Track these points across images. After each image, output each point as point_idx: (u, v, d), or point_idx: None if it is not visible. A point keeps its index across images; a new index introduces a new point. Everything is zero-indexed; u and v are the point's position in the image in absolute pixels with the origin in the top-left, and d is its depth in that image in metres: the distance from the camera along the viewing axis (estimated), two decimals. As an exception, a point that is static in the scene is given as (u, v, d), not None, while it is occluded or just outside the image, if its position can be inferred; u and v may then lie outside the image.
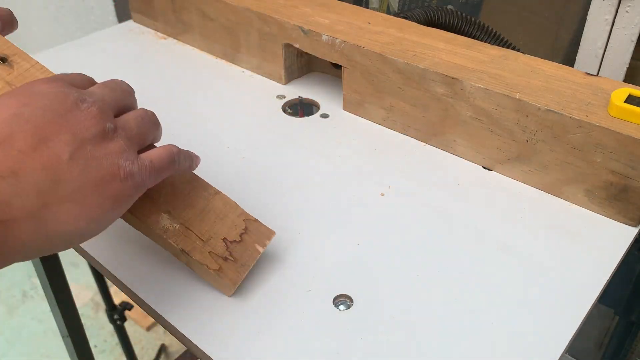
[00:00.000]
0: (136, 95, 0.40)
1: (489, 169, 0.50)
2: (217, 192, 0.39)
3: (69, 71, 0.42)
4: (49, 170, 0.29)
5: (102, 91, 0.35)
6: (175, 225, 0.36)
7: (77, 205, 0.30)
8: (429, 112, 0.51)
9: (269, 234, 0.39)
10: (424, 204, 0.46)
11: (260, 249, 0.38)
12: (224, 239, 0.37)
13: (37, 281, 1.58)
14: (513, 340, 0.35)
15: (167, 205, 0.37)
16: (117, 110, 0.35)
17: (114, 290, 1.23)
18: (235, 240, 0.37)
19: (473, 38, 0.60)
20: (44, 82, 0.33)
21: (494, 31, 0.60)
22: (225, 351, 0.35)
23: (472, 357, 0.34)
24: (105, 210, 0.31)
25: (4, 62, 0.37)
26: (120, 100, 0.36)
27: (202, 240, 0.37)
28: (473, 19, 0.60)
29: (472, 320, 0.37)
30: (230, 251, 0.37)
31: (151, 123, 0.36)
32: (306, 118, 0.58)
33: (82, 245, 0.43)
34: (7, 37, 0.41)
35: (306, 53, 0.59)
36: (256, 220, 0.39)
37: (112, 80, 0.38)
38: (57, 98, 0.32)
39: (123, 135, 0.33)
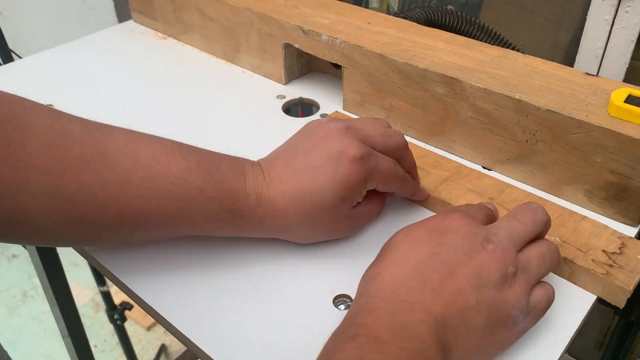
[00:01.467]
0: (136, 96, 0.40)
1: (488, 169, 0.50)
2: (584, 217, 0.42)
3: (69, 71, 0.44)
4: (462, 315, 0.30)
5: (508, 227, 0.35)
6: (552, 238, 0.39)
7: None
8: (429, 112, 0.51)
9: None
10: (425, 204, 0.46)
11: None
12: (604, 251, 0.39)
13: (37, 281, 1.58)
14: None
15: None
16: (521, 245, 0.35)
17: (114, 290, 1.23)
18: (615, 252, 0.39)
19: (473, 38, 0.60)
20: (456, 219, 0.34)
21: (494, 31, 0.60)
22: (225, 351, 0.35)
23: (472, 357, 0.34)
24: (490, 356, 0.33)
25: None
26: (525, 234, 0.35)
27: (582, 251, 0.39)
28: (473, 19, 0.60)
29: (472, 320, 0.37)
30: (613, 260, 0.38)
31: (552, 263, 0.36)
32: (306, 118, 0.58)
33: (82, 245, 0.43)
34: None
35: (306, 53, 0.59)
36: (631, 237, 0.40)
37: (527, 209, 0.37)
38: (468, 238, 0.33)
39: (522, 280, 0.33)
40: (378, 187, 0.40)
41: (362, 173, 0.37)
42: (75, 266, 1.59)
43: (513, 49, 0.55)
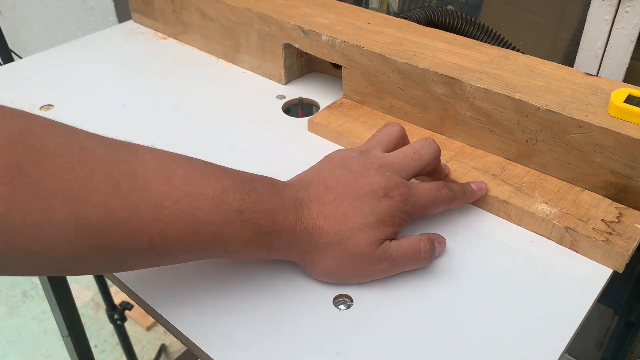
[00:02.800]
0: (136, 96, 0.40)
1: (488, 169, 0.50)
2: (584, 190, 0.44)
3: (69, 71, 0.43)
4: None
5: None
6: (554, 209, 0.42)
7: None
8: (429, 112, 0.51)
9: None
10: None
11: None
12: (603, 220, 0.41)
13: (37, 281, 1.58)
14: (513, 340, 0.35)
15: (542, 198, 0.44)
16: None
17: (114, 290, 1.23)
18: (613, 221, 0.41)
19: (473, 38, 0.60)
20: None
21: (494, 31, 0.60)
22: (225, 351, 0.35)
23: (472, 357, 0.34)
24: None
25: None
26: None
27: (583, 221, 0.41)
28: (473, 19, 0.60)
29: (472, 320, 0.37)
30: (612, 228, 0.41)
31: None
32: (306, 118, 0.58)
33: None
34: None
35: (306, 53, 0.59)
36: (628, 207, 0.42)
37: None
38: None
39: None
40: (426, 215, 0.42)
41: (402, 204, 0.38)
42: (75, 266, 1.59)
43: (513, 49, 0.55)
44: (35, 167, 0.28)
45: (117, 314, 1.15)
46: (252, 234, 0.34)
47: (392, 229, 0.38)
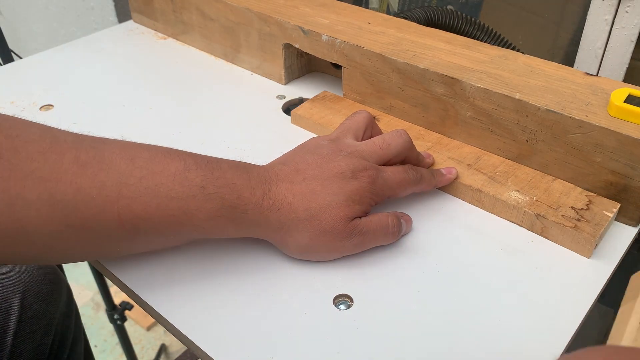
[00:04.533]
0: (136, 96, 0.40)
1: (488, 169, 0.50)
2: (556, 179, 0.46)
3: (69, 71, 0.44)
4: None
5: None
6: (526, 197, 0.43)
7: None
8: (429, 112, 0.51)
9: (613, 205, 0.43)
10: (424, 206, 0.46)
11: (609, 214, 0.42)
12: (572, 207, 0.43)
13: (37, 281, 1.57)
14: (513, 340, 0.35)
15: (515, 187, 0.45)
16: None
17: (114, 290, 1.23)
18: (582, 208, 0.43)
19: (473, 38, 0.60)
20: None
21: (494, 31, 0.60)
22: (225, 351, 0.35)
23: (472, 357, 0.34)
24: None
25: None
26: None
27: (553, 208, 0.43)
28: (473, 19, 0.60)
29: (472, 320, 0.37)
30: (580, 215, 0.42)
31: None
32: (306, 118, 0.58)
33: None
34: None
35: (306, 53, 0.59)
36: (598, 196, 0.44)
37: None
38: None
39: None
40: (395, 196, 0.43)
41: (370, 185, 0.40)
42: (75, 266, 1.59)
43: (513, 49, 0.55)
44: (12, 152, 0.32)
45: (117, 314, 1.15)
46: (217, 207, 0.36)
47: (361, 208, 0.40)
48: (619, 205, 0.43)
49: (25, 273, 0.55)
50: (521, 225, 0.44)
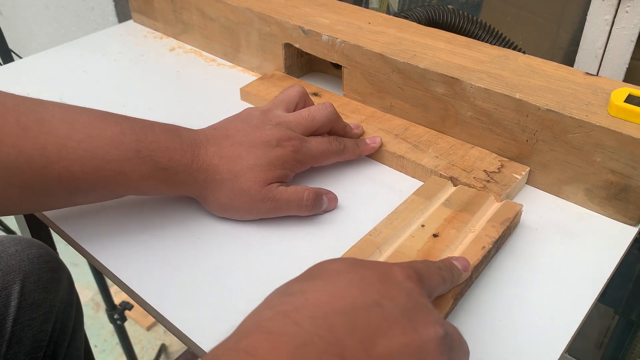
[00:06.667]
0: (136, 96, 0.41)
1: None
2: (474, 147, 0.49)
3: (69, 71, 0.46)
4: None
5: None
6: (443, 162, 0.47)
7: None
8: (429, 112, 0.51)
9: (522, 168, 0.46)
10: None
11: (517, 176, 0.46)
12: (484, 170, 0.46)
13: (37, 281, 1.57)
14: (513, 339, 0.35)
15: (435, 153, 0.48)
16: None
17: (114, 290, 1.23)
18: (494, 171, 0.46)
19: (475, 37, 0.60)
20: (408, 277, 0.29)
21: (496, 30, 0.60)
22: (225, 351, 0.35)
23: (471, 356, 0.34)
24: None
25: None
26: None
27: (466, 171, 0.46)
28: (475, 18, 0.60)
29: (472, 319, 0.37)
30: (491, 177, 0.45)
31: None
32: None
33: (82, 245, 0.43)
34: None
35: (306, 53, 0.59)
36: (512, 161, 0.47)
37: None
38: (416, 306, 0.28)
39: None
40: (318, 164, 0.47)
41: (294, 153, 0.43)
42: (75, 266, 1.59)
43: (515, 47, 0.55)
44: None
45: (117, 314, 1.15)
46: (150, 169, 0.39)
47: (283, 172, 0.43)
48: (528, 169, 0.46)
49: (26, 261, 0.56)
50: None
